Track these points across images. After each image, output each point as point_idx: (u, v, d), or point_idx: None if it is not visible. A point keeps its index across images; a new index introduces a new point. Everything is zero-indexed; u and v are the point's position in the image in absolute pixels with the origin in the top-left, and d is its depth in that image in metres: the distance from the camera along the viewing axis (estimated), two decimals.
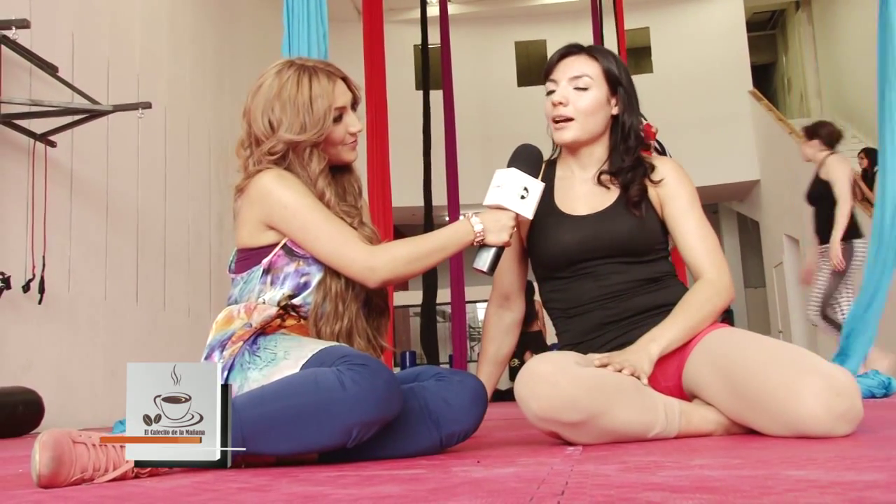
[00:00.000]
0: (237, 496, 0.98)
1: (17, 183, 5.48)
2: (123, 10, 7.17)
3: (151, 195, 6.97)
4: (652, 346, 1.63)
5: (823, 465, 1.05)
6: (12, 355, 5.25)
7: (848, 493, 0.80)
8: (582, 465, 1.17)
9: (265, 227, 1.58)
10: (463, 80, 9.48)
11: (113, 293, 6.56)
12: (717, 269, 1.76)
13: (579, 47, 1.88)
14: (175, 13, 7.89)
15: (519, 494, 0.88)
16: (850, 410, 1.42)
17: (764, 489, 0.85)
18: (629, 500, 0.80)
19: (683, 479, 0.95)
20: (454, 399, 1.53)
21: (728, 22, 12.82)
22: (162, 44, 7.66)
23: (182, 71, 7.73)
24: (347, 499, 0.92)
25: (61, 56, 5.98)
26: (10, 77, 5.41)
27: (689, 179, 1.86)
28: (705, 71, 12.24)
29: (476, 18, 12.95)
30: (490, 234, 1.59)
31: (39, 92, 5.69)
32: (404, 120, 7.90)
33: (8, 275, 5.10)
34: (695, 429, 1.61)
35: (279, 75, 1.61)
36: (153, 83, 7.25)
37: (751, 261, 13.84)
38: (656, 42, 12.86)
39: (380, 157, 5.15)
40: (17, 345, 5.32)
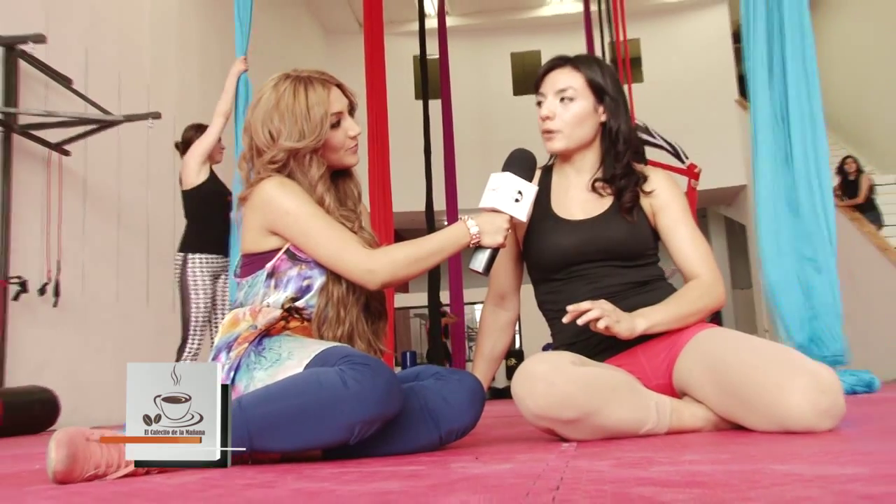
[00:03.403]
0: (244, 492, 0.98)
1: (34, 191, 5.50)
2: (133, 24, 7.19)
3: (161, 201, 6.97)
4: (639, 319, 1.63)
5: (808, 460, 1.05)
6: (29, 356, 5.27)
7: (831, 486, 0.80)
8: (577, 460, 1.17)
9: (268, 232, 1.58)
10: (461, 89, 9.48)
11: (124, 295, 6.57)
12: (712, 274, 1.77)
13: (564, 60, 1.88)
14: (182, 27, 7.90)
15: (516, 490, 0.88)
16: (833, 406, 1.42)
17: (751, 483, 0.84)
18: (622, 494, 0.79)
19: (674, 474, 0.95)
20: (453, 398, 1.53)
21: (715, 34, 12.86)
22: (170, 56, 7.68)
23: (190, 82, 7.74)
24: (350, 495, 0.91)
25: (75, 68, 6.00)
26: (26, 89, 5.44)
27: (679, 190, 1.86)
28: (694, 81, 12.28)
29: (473, 30, 12.98)
30: (486, 236, 1.59)
31: (54, 103, 5.72)
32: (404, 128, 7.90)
33: (25, 279, 5.13)
34: (685, 425, 1.61)
35: (276, 88, 1.61)
36: (162, 94, 7.26)
37: (738, 263, 13.86)
38: (647, 53, 12.89)
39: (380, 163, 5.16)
40: (33, 346, 5.34)
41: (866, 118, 10.87)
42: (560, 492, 0.84)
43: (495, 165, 1.68)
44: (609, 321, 1.56)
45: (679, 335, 1.69)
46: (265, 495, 0.94)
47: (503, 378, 9.44)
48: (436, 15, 8.91)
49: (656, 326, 1.65)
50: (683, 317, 1.69)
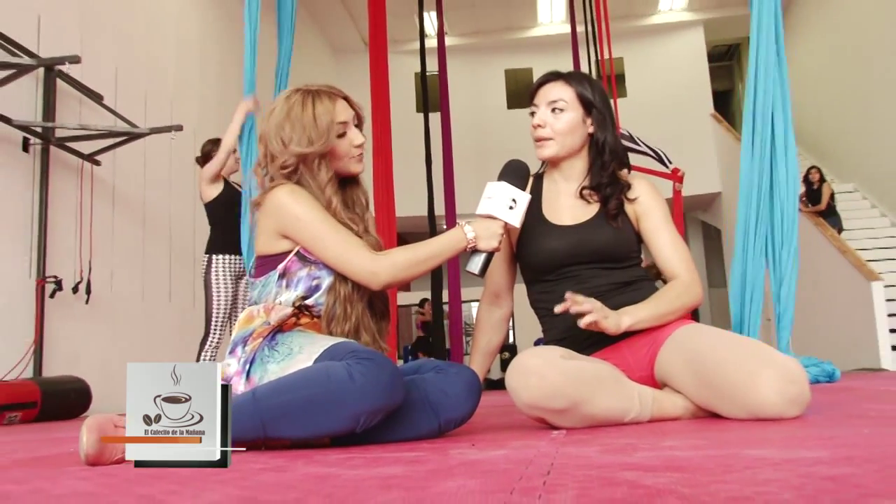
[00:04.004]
0: (258, 476, 0.97)
1: (68, 198, 5.54)
2: (159, 46, 7.21)
3: (182, 206, 6.98)
4: (624, 317, 1.63)
5: (777, 445, 1.05)
6: (64, 348, 5.29)
7: (798, 468, 0.81)
8: (566, 447, 1.16)
9: (280, 236, 1.57)
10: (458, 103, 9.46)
11: (149, 293, 6.57)
12: (691, 275, 1.77)
13: (557, 74, 1.88)
14: (203, 49, 7.92)
15: (509, 474, 0.87)
16: (800, 395, 1.43)
17: (726, 467, 0.84)
18: (608, 478, 0.79)
19: (655, 459, 0.94)
20: (451, 389, 1.52)
21: (691, 53, 12.88)
22: (192, 75, 7.68)
23: (209, 98, 7.74)
24: (356, 479, 0.91)
25: (106, 86, 6.02)
26: (62, 105, 5.48)
27: (661, 197, 1.86)
28: (672, 96, 12.28)
29: (470, 49, 12.97)
30: (481, 241, 1.59)
31: (87, 117, 5.74)
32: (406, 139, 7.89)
33: (60, 278, 5.16)
34: (665, 413, 1.61)
35: (287, 100, 1.62)
36: (184, 109, 7.27)
37: (714, 264, 13.86)
38: (629, 70, 12.89)
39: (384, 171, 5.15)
40: (67, 339, 5.36)
41: (827, 133, 10.92)
42: (550, 476, 0.83)
43: (490, 173, 1.68)
44: (598, 317, 1.56)
45: (660, 331, 1.68)
46: (278, 479, 0.94)
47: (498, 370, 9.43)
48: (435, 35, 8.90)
49: (640, 323, 1.65)
50: (665, 314, 1.69)
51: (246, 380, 1.45)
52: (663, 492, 0.69)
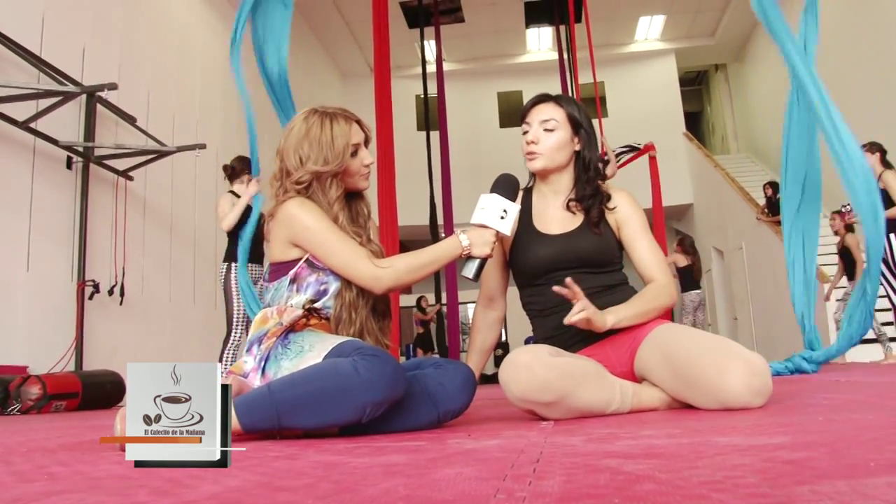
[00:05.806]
0: (273, 463, 0.96)
1: (105, 210, 5.57)
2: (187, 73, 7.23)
3: (206, 217, 6.99)
4: (609, 316, 1.62)
5: (743, 432, 1.04)
6: (101, 345, 5.32)
7: (762, 453, 0.81)
8: (553, 437, 1.15)
9: (291, 244, 1.56)
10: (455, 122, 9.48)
11: (176, 295, 6.57)
12: (667, 278, 1.76)
13: (548, 96, 1.88)
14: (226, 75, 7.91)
15: (502, 462, 0.86)
16: (763, 387, 1.43)
17: (698, 454, 0.83)
18: (592, 465, 0.78)
19: (635, 447, 0.94)
20: (449, 383, 1.51)
21: (665, 78, 12.94)
22: (216, 99, 7.69)
23: (231, 119, 7.75)
24: (362, 466, 0.90)
25: (139, 108, 6.05)
26: (101, 126, 5.52)
27: (639, 206, 1.85)
28: (648, 115, 12.32)
29: (466, 73, 13.01)
30: (475, 248, 1.57)
31: (121, 137, 5.77)
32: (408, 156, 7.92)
33: (98, 281, 5.20)
34: (644, 405, 1.60)
35: (306, 120, 1.60)
36: (208, 129, 7.29)
37: None
38: (610, 93, 12.94)
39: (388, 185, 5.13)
40: (105, 337, 5.39)
41: None
42: (540, 464, 0.83)
43: (484, 187, 1.67)
44: (589, 314, 1.56)
45: (639, 330, 1.68)
46: (291, 465, 0.93)
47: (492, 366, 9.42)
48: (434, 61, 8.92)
49: (622, 321, 1.64)
50: (644, 313, 1.68)
51: (262, 375, 1.44)
52: (642, 477, 0.68)
